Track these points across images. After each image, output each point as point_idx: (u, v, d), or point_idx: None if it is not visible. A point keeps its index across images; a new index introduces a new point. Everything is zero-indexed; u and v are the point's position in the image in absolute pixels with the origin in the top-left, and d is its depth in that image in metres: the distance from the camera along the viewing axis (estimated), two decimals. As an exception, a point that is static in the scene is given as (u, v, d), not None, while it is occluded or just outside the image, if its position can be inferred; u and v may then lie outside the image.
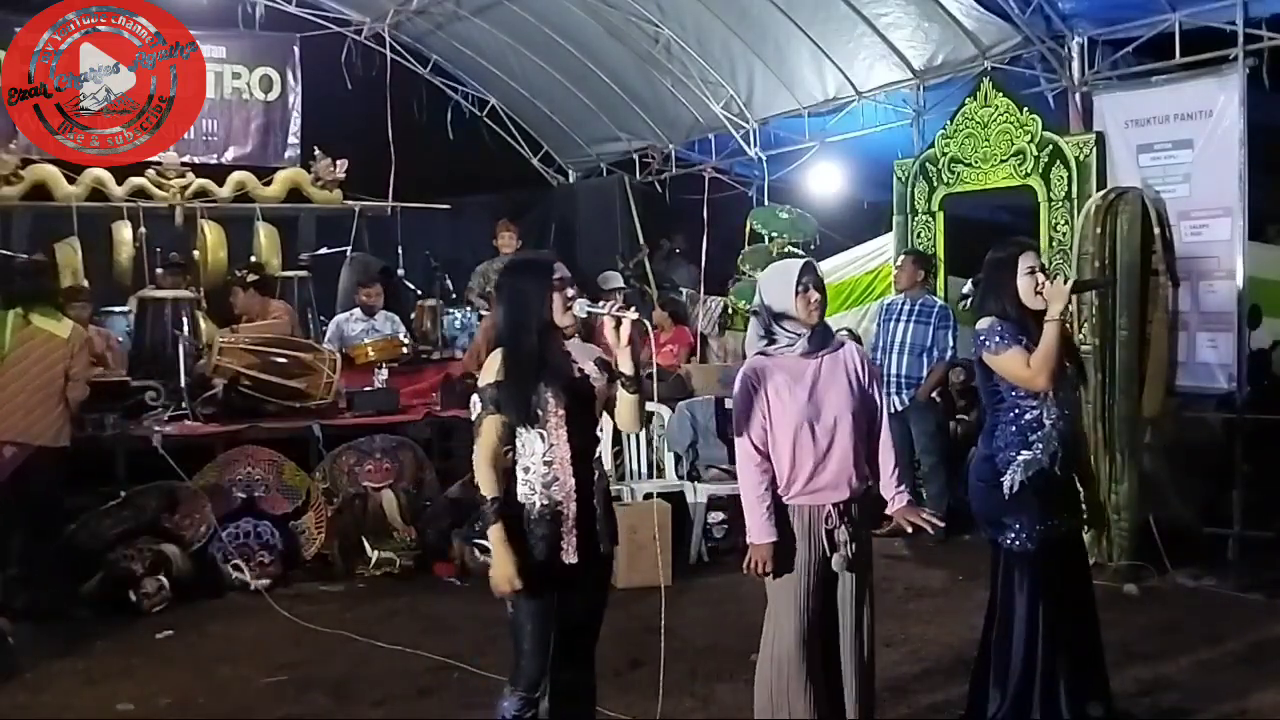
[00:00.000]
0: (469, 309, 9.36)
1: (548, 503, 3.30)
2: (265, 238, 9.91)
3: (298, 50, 11.33)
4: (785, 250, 8.73)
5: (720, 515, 6.90)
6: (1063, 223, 7.23)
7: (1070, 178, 7.23)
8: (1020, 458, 3.81)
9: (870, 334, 7.76)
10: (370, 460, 6.96)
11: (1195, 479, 6.59)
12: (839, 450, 3.56)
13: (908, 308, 7.45)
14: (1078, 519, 4.07)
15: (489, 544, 3.32)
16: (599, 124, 11.58)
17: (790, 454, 3.55)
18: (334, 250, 10.04)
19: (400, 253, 10.18)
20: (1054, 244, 7.29)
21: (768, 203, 9.87)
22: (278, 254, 9.89)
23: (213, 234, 9.72)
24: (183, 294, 8.14)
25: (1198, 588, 6.04)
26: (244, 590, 6.19)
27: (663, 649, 3.98)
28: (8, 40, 8.90)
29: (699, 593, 6.04)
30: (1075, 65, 7.36)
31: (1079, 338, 5.92)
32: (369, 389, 7.56)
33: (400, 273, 10.02)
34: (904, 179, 8.53)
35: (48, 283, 6.34)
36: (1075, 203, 7.08)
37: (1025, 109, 7.56)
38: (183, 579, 6.08)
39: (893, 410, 6.52)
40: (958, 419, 7.85)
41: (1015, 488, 3.81)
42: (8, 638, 5.31)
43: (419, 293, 9.64)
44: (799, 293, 3.56)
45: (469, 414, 3.44)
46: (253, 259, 9.57)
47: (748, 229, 9.34)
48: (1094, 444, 5.87)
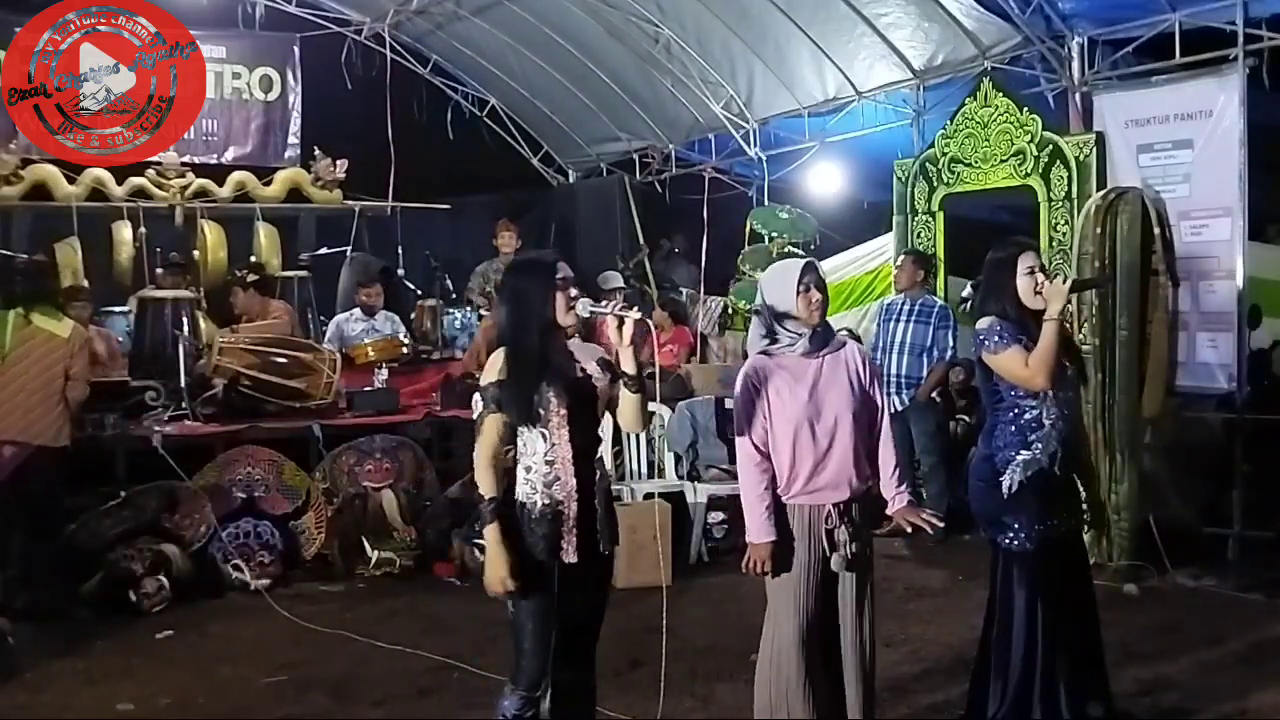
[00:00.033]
0: (469, 309, 9.35)
1: (549, 502, 3.30)
2: (265, 238, 9.91)
3: (298, 50, 11.32)
4: (785, 250, 8.73)
5: (720, 515, 6.90)
6: (1063, 223, 7.23)
7: (1070, 178, 7.23)
8: (1019, 457, 3.82)
9: (870, 334, 7.76)
10: (370, 460, 6.96)
11: (1195, 479, 6.59)
12: (839, 450, 3.56)
13: (908, 308, 7.45)
14: (1077, 519, 4.08)
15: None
16: (599, 124, 11.58)
17: (790, 453, 3.55)
18: (334, 250, 10.04)
19: (400, 253, 10.18)
20: (1054, 244, 7.29)
21: (768, 203, 9.87)
22: (278, 254, 9.89)
23: (213, 234, 9.72)
24: (183, 294, 8.12)
25: (1198, 588, 6.04)
26: (244, 590, 6.20)
27: (664, 649, 3.98)
28: (8, 40, 8.90)
29: (699, 593, 6.03)
30: (1075, 65, 7.35)
31: (1079, 338, 5.92)
32: (369, 389, 7.56)
33: (400, 273, 10.02)
34: (904, 179, 8.53)
35: (49, 283, 6.35)
36: (1075, 203, 7.08)
37: (1025, 109, 7.56)
38: (183, 579, 6.08)
39: (892, 410, 6.50)
40: (958, 419, 7.85)
41: (1014, 487, 3.81)
42: (8, 638, 5.31)
43: (419, 293, 9.63)
44: (800, 292, 3.56)
45: (469, 414, 3.44)
46: (253, 259, 9.57)
47: (748, 229, 9.34)
48: (1094, 444, 5.87)
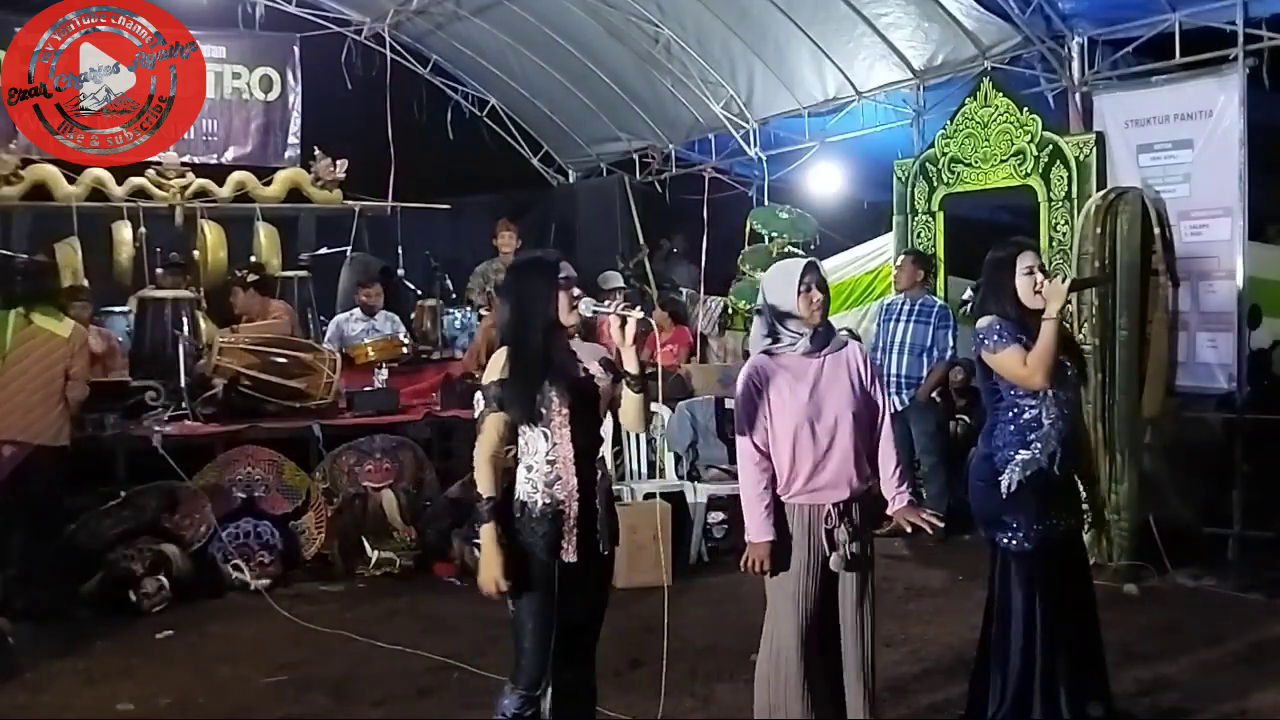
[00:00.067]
0: (469, 309, 9.35)
1: (549, 501, 3.29)
2: (265, 238, 9.91)
3: (298, 50, 11.33)
4: (785, 250, 8.73)
5: (720, 515, 6.90)
6: (1063, 223, 7.23)
7: (1070, 178, 7.23)
8: (1018, 457, 3.81)
9: (870, 334, 7.76)
10: (370, 460, 6.96)
11: (1195, 479, 6.59)
12: (839, 450, 3.56)
13: (907, 308, 7.46)
14: (1077, 519, 4.08)
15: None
16: (599, 124, 11.58)
17: (790, 453, 3.56)
18: (334, 250, 10.05)
19: (400, 253, 10.18)
20: (1054, 244, 7.29)
21: (768, 203, 9.87)
22: (278, 254, 9.89)
23: (213, 234, 9.72)
24: (183, 294, 8.12)
25: (1198, 588, 6.04)
26: (244, 590, 6.19)
27: (665, 649, 3.98)
28: (8, 40, 8.90)
29: (699, 593, 6.03)
30: (1075, 65, 7.35)
31: (1079, 337, 5.92)
32: (369, 389, 7.56)
33: (400, 273, 10.02)
34: (904, 179, 8.53)
35: (50, 283, 6.35)
36: (1075, 203, 7.08)
37: (1025, 109, 7.56)
38: (183, 579, 6.08)
39: (892, 410, 6.47)
40: (957, 419, 7.85)
41: (1013, 487, 3.81)
42: (8, 638, 5.31)
43: (419, 293, 9.63)
44: (801, 292, 3.57)
45: (469, 414, 3.45)
46: (253, 259, 9.56)
47: (748, 229, 9.34)
48: (1094, 444, 5.87)
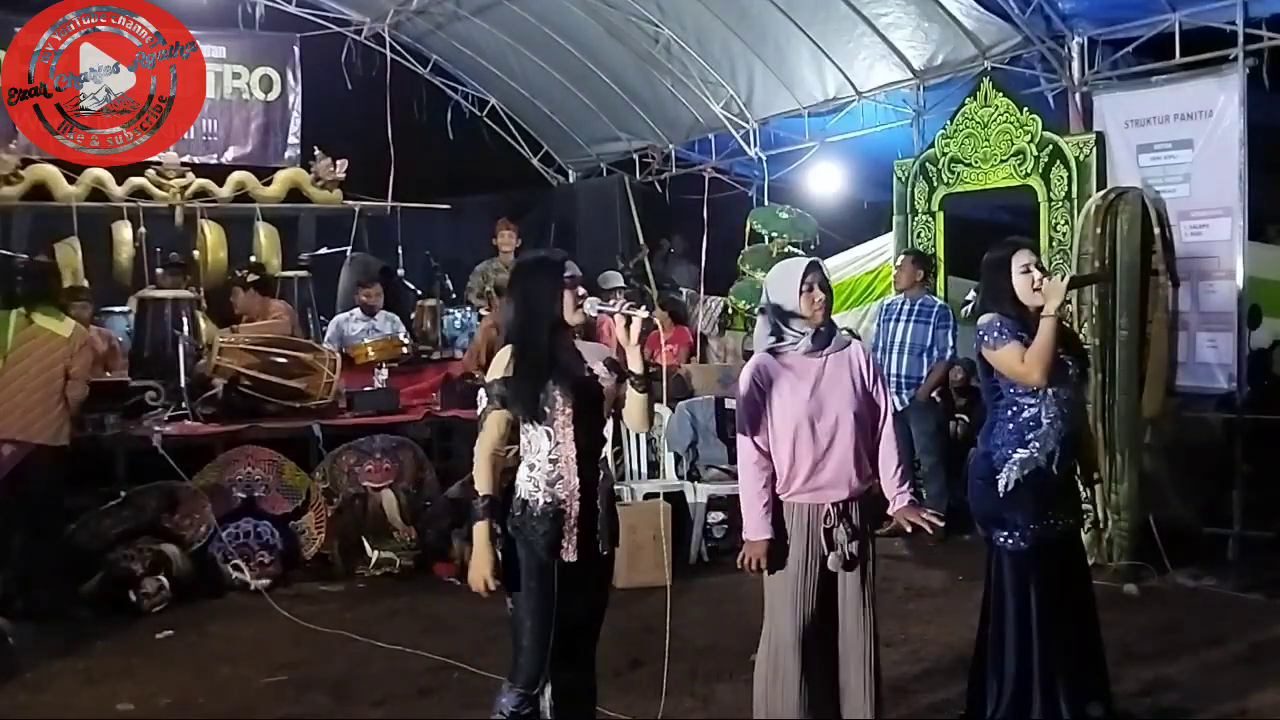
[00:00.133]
0: (469, 309, 9.35)
1: (551, 501, 3.29)
2: (265, 238, 9.91)
3: (298, 50, 11.32)
4: (785, 250, 8.73)
5: (720, 515, 6.89)
6: (1063, 223, 7.23)
7: (1070, 178, 7.22)
8: (1016, 456, 3.81)
9: (870, 334, 7.76)
10: (370, 460, 6.96)
11: (1195, 479, 6.59)
12: (839, 449, 3.57)
13: (907, 308, 7.46)
14: (1075, 519, 4.08)
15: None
16: (599, 124, 11.58)
17: (790, 451, 3.56)
18: (334, 250, 10.05)
19: (400, 253, 10.18)
20: (1054, 244, 7.28)
21: (768, 203, 9.87)
22: (278, 254, 9.89)
23: (213, 234, 9.72)
24: (183, 294, 8.12)
25: (1198, 588, 6.04)
26: (244, 590, 6.19)
27: (666, 649, 3.98)
28: (8, 40, 8.90)
29: (699, 593, 6.03)
30: (1075, 65, 7.35)
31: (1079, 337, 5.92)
32: (369, 389, 7.56)
33: (400, 273, 10.02)
34: (904, 179, 8.53)
35: (51, 283, 6.33)
36: (1075, 203, 7.08)
37: (1025, 109, 7.56)
38: (183, 579, 6.08)
39: (893, 410, 6.52)
40: (957, 418, 7.85)
41: (1011, 486, 3.81)
42: (8, 638, 5.32)
43: (419, 293, 9.63)
44: (803, 292, 3.58)
45: (469, 414, 3.45)
46: (253, 259, 9.56)
47: (748, 229, 9.35)
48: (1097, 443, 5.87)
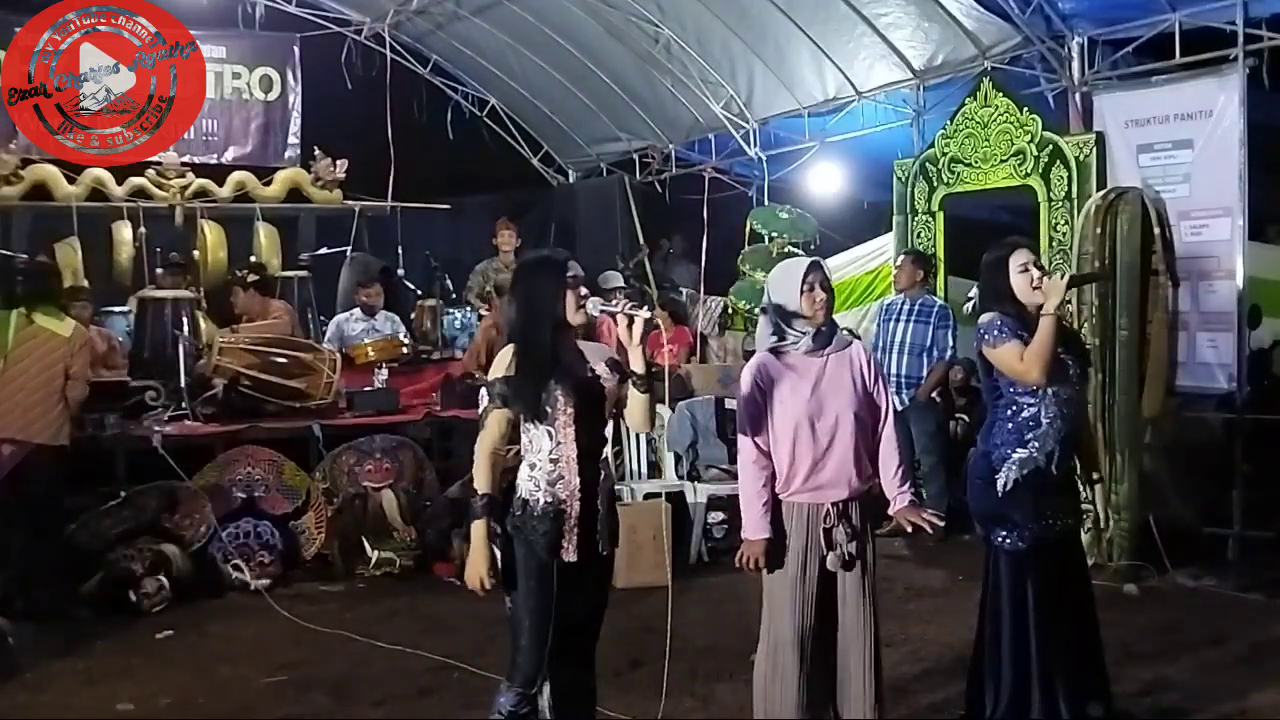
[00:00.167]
0: (469, 309, 9.35)
1: (551, 500, 3.30)
2: (265, 238, 9.91)
3: (298, 50, 11.32)
4: (785, 250, 8.73)
5: (720, 515, 6.89)
6: (1063, 223, 7.23)
7: (1070, 178, 7.22)
8: (1015, 456, 3.81)
9: (870, 334, 7.76)
10: (370, 460, 6.96)
11: (1195, 479, 6.59)
12: (839, 449, 3.57)
13: (907, 308, 7.46)
14: (1075, 519, 4.08)
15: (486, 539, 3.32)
16: (599, 124, 11.58)
17: (790, 450, 3.56)
18: (334, 250, 10.04)
19: (400, 253, 10.17)
20: (1054, 244, 7.28)
21: (768, 203, 9.86)
22: (278, 254, 9.89)
23: (213, 234, 9.72)
24: (183, 294, 8.12)
25: (1198, 588, 6.04)
26: (244, 590, 6.19)
27: (668, 649, 3.98)
28: (8, 40, 8.89)
29: (699, 593, 6.02)
30: (1075, 65, 7.35)
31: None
32: (369, 389, 7.56)
33: (400, 273, 10.02)
34: (904, 179, 8.53)
35: (52, 283, 6.33)
36: (1075, 203, 7.08)
37: (1025, 109, 7.56)
38: (183, 579, 6.08)
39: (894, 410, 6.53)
40: (957, 418, 7.85)
41: (1009, 485, 3.81)
42: (8, 638, 5.31)
43: (419, 293, 9.63)
44: (804, 291, 3.58)
45: (469, 414, 3.45)
46: (253, 259, 9.55)
47: (748, 229, 9.34)
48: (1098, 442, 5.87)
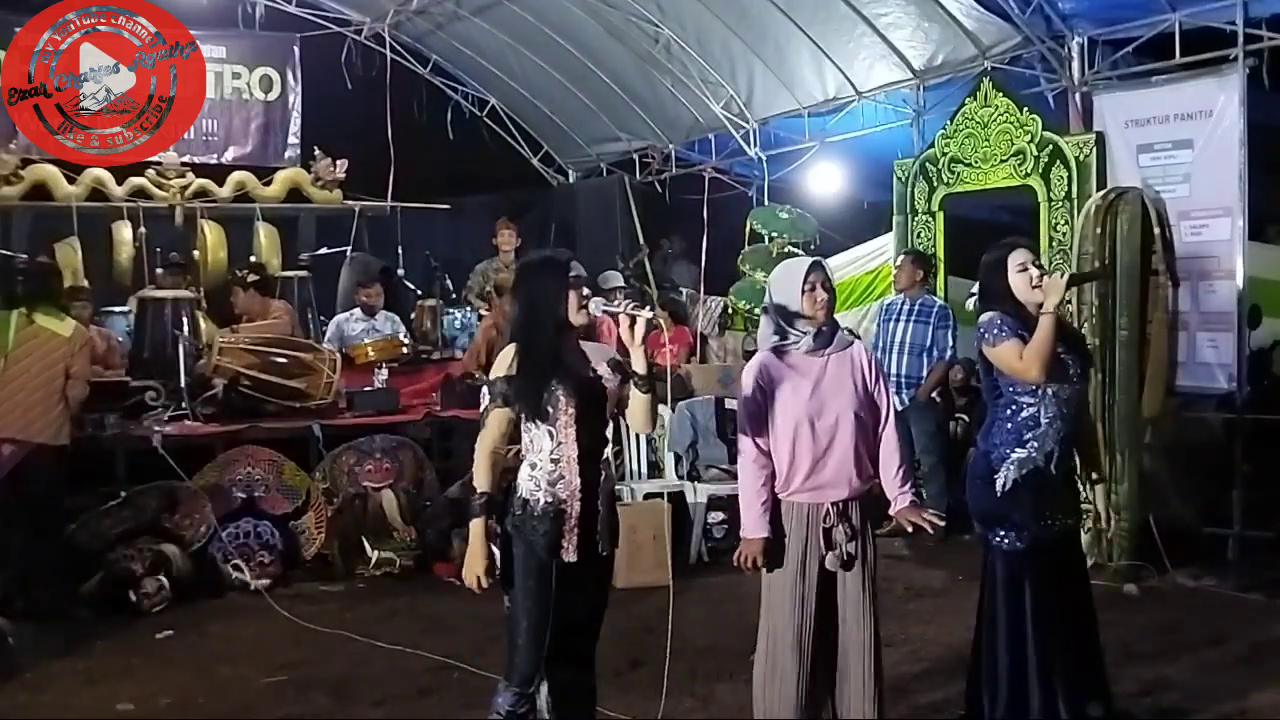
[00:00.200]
0: (469, 309, 9.35)
1: (551, 500, 3.30)
2: (265, 238, 9.91)
3: (298, 50, 11.33)
4: (785, 250, 8.73)
5: (720, 515, 6.89)
6: (1063, 223, 7.23)
7: (1070, 178, 7.22)
8: (1014, 455, 3.80)
9: (870, 334, 7.76)
10: (370, 460, 6.96)
11: (1195, 479, 6.59)
12: (839, 449, 3.57)
13: (907, 308, 7.46)
14: (1074, 519, 4.07)
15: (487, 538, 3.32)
16: (599, 124, 11.58)
17: (790, 450, 3.57)
18: (334, 250, 10.04)
19: (400, 253, 10.17)
20: (1054, 244, 7.28)
21: (768, 203, 9.86)
22: (278, 254, 9.89)
23: (213, 234, 9.72)
24: (183, 294, 8.12)
25: (1198, 588, 6.04)
26: (244, 590, 6.19)
27: (668, 649, 3.98)
28: (8, 40, 8.89)
29: (699, 593, 6.02)
30: (1075, 65, 7.35)
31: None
32: (369, 389, 7.56)
33: (400, 273, 10.02)
34: (904, 179, 8.53)
35: (52, 283, 6.33)
36: (1075, 203, 7.08)
37: (1025, 109, 7.56)
38: (183, 579, 6.08)
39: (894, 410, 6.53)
40: (957, 418, 7.85)
41: (1008, 485, 3.80)
42: (8, 638, 5.31)
43: (419, 293, 9.63)
44: (806, 291, 3.59)
45: (469, 414, 3.45)
46: (253, 259, 9.55)
47: (748, 229, 9.34)
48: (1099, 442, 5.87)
